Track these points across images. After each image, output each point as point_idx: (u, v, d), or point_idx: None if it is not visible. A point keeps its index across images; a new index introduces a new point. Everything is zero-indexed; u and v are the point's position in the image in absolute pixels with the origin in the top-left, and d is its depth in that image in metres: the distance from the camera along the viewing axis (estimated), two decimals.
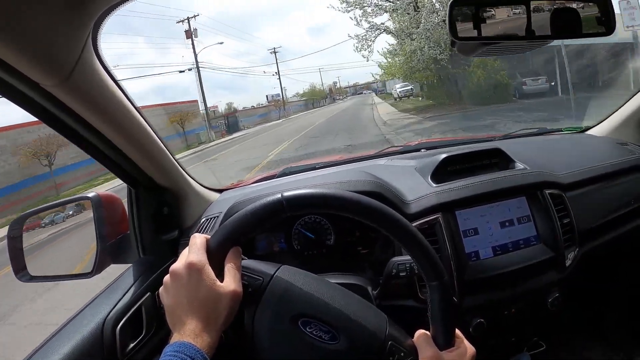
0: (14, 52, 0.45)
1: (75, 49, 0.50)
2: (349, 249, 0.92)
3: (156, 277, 0.80)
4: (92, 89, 0.57)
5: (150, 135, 0.73)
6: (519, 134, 1.30)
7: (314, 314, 0.53)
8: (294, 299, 0.54)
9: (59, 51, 0.48)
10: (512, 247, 0.82)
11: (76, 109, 0.58)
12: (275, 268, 0.57)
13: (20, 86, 0.51)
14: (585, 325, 0.96)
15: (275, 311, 0.53)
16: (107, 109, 0.61)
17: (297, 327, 0.52)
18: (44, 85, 0.52)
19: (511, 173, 0.89)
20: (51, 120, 0.59)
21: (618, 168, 0.98)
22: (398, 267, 0.68)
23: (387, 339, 0.53)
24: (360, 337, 0.53)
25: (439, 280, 0.53)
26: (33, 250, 0.87)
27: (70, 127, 0.62)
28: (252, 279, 0.54)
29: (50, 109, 0.57)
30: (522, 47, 0.68)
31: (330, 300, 0.55)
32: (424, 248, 0.54)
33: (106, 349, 0.64)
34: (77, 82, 0.53)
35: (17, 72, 0.48)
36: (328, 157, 1.55)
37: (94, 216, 0.82)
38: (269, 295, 0.53)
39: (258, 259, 0.91)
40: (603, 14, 0.63)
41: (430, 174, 0.90)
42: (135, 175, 0.79)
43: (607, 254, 0.90)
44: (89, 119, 0.60)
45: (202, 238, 0.55)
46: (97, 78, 0.57)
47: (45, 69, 0.49)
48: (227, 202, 0.96)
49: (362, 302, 0.60)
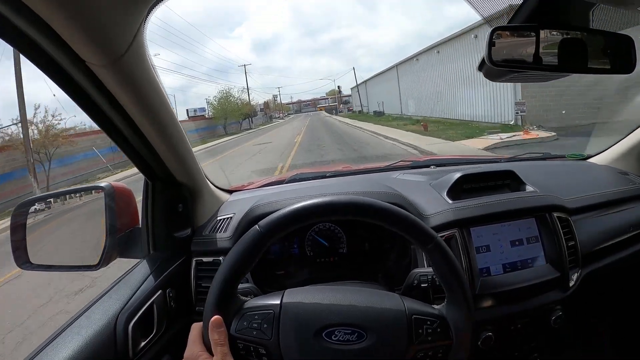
0: (71, 27, 0.44)
1: (130, 32, 0.49)
2: (362, 259, 0.93)
3: (167, 274, 0.79)
4: (137, 75, 0.56)
5: (180, 130, 0.72)
6: (525, 157, 1.35)
7: (333, 322, 0.54)
8: (310, 316, 0.55)
9: (115, 32, 0.48)
10: (521, 265, 0.85)
11: (116, 92, 0.57)
12: (280, 295, 0.58)
13: (64, 62, 0.50)
14: (584, 344, 0.99)
15: (297, 335, 0.54)
16: (146, 97, 0.60)
17: (323, 340, 0.53)
18: (89, 63, 0.51)
19: (523, 195, 0.92)
20: (85, 101, 0.58)
21: (620, 196, 1.03)
22: (420, 279, 0.69)
23: (409, 314, 0.55)
24: (385, 325, 0.54)
25: (433, 241, 0.57)
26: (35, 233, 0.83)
27: (103, 110, 0.60)
28: (263, 315, 0.55)
29: (88, 89, 0.56)
30: (550, 76, 0.71)
31: (343, 302, 0.56)
32: (407, 219, 0.57)
33: (118, 347, 0.62)
34: (125, 65, 0.53)
35: (66, 48, 0.47)
36: (334, 167, 1.56)
37: (105, 207, 0.80)
38: (286, 322, 0.54)
39: (270, 263, 0.91)
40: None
41: (446, 190, 0.92)
42: (155, 168, 0.78)
43: (607, 276, 0.94)
44: (126, 105, 0.59)
45: (197, 329, 0.57)
46: (143, 65, 0.56)
47: (98, 48, 0.48)
48: (241, 204, 0.95)
49: (371, 291, 0.61)
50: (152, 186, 0.82)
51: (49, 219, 0.91)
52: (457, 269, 0.57)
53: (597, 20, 0.67)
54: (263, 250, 0.56)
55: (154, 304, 0.72)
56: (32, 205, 0.84)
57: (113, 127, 0.65)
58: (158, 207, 0.82)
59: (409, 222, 0.57)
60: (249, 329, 0.54)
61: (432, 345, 0.54)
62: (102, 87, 0.55)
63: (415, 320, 0.55)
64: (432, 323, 0.55)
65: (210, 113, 32.03)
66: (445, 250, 0.57)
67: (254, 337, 0.54)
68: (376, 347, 0.53)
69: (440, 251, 0.57)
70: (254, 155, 11.43)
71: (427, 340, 0.54)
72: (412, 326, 0.54)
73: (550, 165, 1.27)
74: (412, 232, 0.57)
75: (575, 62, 0.63)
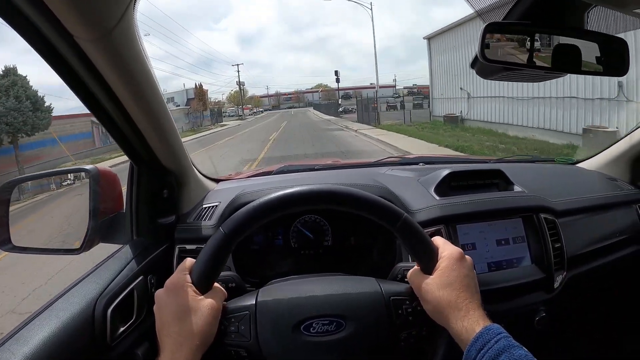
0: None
1: (120, 6, 0.48)
2: (347, 252, 0.92)
3: (150, 260, 0.78)
4: (126, 52, 0.54)
5: (167, 114, 0.71)
6: (513, 159, 1.36)
7: (310, 315, 0.54)
8: (286, 311, 0.55)
9: (105, 6, 0.46)
10: (506, 265, 0.85)
11: (103, 69, 0.55)
12: (255, 294, 0.58)
13: (52, 36, 0.48)
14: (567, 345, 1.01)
15: (275, 332, 0.53)
16: (134, 76, 0.59)
17: (302, 334, 0.53)
18: (77, 38, 0.49)
19: (510, 194, 0.92)
20: (70, 76, 0.56)
21: (607, 201, 1.04)
22: (404, 273, 0.69)
23: (386, 296, 0.55)
24: (363, 310, 0.54)
25: (401, 220, 0.56)
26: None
27: (90, 89, 0.59)
28: (239, 317, 0.55)
29: (74, 64, 0.54)
30: (543, 76, 0.70)
31: (319, 293, 0.56)
32: (372, 201, 0.56)
33: (97, 331, 0.61)
34: (114, 40, 0.51)
35: (54, 20, 0.45)
36: (323, 161, 1.56)
37: (90, 190, 0.78)
38: (262, 320, 0.54)
39: (253, 253, 0.91)
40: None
41: (433, 186, 0.92)
42: (141, 151, 0.76)
43: (591, 279, 0.95)
44: (114, 83, 0.58)
45: (189, 262, 0.58)
46: (132, 42, 0.54)
47: (87, 21, 0.47)
48: (227, 193, 0.94)
49: (346, 278, 0.62)
50: (137, 170, 0.80)
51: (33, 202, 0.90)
52: (427, 241, 0.57)
53: (592, 22, 0.67)
54: (230, 250, 0.56)
55: (135, 289, 0.71)
56: (17, 185, 0.82)
57: (99, 107, 0.63)
58: (143, 191, 0.81)
59: (374, 203, 0.56)
60: (227, 333, 0.54)
61: (415, 323, 0.55)
62: (90, 64, 0.54)
63: (394, 302, 0.55)
64: (411, 302, 0.55)
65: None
66: (413, 225, 0.57)
67: (233, 340, 0.54)
68: (357, 334, 0.53)
69: (409, 227, 0.56)
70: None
71: (409, 320, 0.55)
72: (391, 307, 0.54)
73: (539, 168, 1.28)
74: (379, 213, 0.56)
75: (568, 63, 0.63)
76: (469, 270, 0.56)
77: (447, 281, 0.53)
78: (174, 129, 0.75)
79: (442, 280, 0.53)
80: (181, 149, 0.82)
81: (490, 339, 0.48)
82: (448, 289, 0.53)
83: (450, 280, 0.53)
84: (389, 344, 0.55)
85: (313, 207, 0.57)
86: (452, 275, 0.54)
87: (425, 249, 0.56)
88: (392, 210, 0.56)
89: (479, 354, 0.47)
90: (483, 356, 0.47)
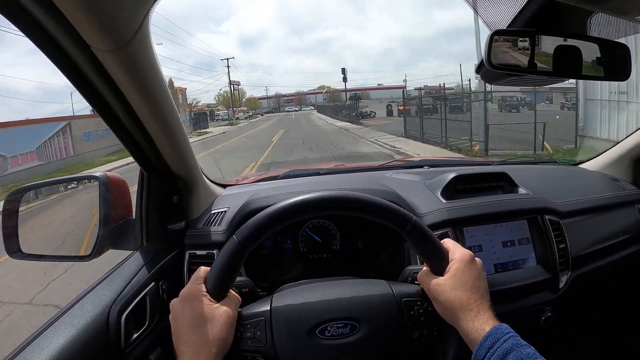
0: (80, 10, 0.44)
1: (137, 17, 0.49)
2: (355, 256, 0.93)
3: (161, 267, 0.79)
4: (141, 63, 0.56)
5: (178, 121, 0.72)
6: (516, 161, 1.37)
7: (324, 319, 0.55)
8: (300, 316, 0.56)
9: (123, 17, 0.48)
10: (512, 266, 0.86)
11: (119, 79, 0.56)
12: (269, 300, 0.58)
13: (69, 46, 0.49)
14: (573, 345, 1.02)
15: (291, 336, 0.54)
16: (148, 86, 0.60)
17: (317, 338, 0.54)
18: (94, 49, 0.50)
19: (515, 197, 0.94)
20: (87, 88, 0.57)
21: (610, 202, 1.05)
22: (413, 275, 0.70)
23: (398, 297, 0.56)
24: (376, 312, 0.55)
25: (410, 223, 0.57)
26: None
27: (104, 98, 0.60)
28: (255, 323, 0.55)
29: (91, 75, 0.55)
30: (546, 80, 0.72)
31: (332, 297, 0.57)
32: (382, 206, 0.57)
33: (111, 337, 0.62)
34: (130, 51, 0.52)
35: (73, 32, 0.46)
36: (326, 165, 1.57)
37: (100, 197, 0.79)
38: (278, 326, 0.55)
39: (263, 258, 0.92)
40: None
41: (440, 190, 0.93)
42: (152, 159, 0.77)
43: (596, 279, 0.96)
44: (128, 92, 0.59)
45: (203, 270, 0.58)
46: (148, 53, 0.56)
47: (106, 33, 0.48)
48: (236, 198, 0.95)
49: (358, 281, 0.62)
50: (147, 177, 0.81)
51: (42, 207, 0.90)
52: (436, 243, 0.58)
53: (594, 28, 0.68)
54: (244, 258, 0.56)
55: (147, 296, 0.71)
56: (25, 193, 0.83)
57: (113, 116, 0.64)
58: (153, 198, 0.82)
59: (385, 208, 0.57)
60: (243, 340, 0.54)
61: (426, 323, 0.56)
62: (105, 73, 0.55)
63: (406, 303, 0.56)
64: (423, 302, 0.56)
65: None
66: (423, 228, 0.58)
67: (249, 346, 0.54)
68: (371, 335, 0.54)
69: (419, 230, 0.57)
70: None
71: (420, 320, 0.56)
72: (403, 309, 0.55)
73: (543, 169, 1.29)
74: (389, 218, 0.57)
75: (570, 68, 0.64)
76: (480, 272, 0.58)
77: (459, 283, 0.55)
78: (184, 135, 0.76)
79: (455, 282, 0.55)
80: (191, 155, 0.83)
81: (499, 338, 0.49)
82: (460, 290, 0.54)
83: (462, 282, 0.55)
84: (402, 344, 0.56)
85: (325, 213, 0.58)
86: (464, 277, 0.55)
87: (435, 251, 0.58)
88: (402, 214, 0.57)
89: (488, 353, 0.49)
90: (492, 355, 0.48)
